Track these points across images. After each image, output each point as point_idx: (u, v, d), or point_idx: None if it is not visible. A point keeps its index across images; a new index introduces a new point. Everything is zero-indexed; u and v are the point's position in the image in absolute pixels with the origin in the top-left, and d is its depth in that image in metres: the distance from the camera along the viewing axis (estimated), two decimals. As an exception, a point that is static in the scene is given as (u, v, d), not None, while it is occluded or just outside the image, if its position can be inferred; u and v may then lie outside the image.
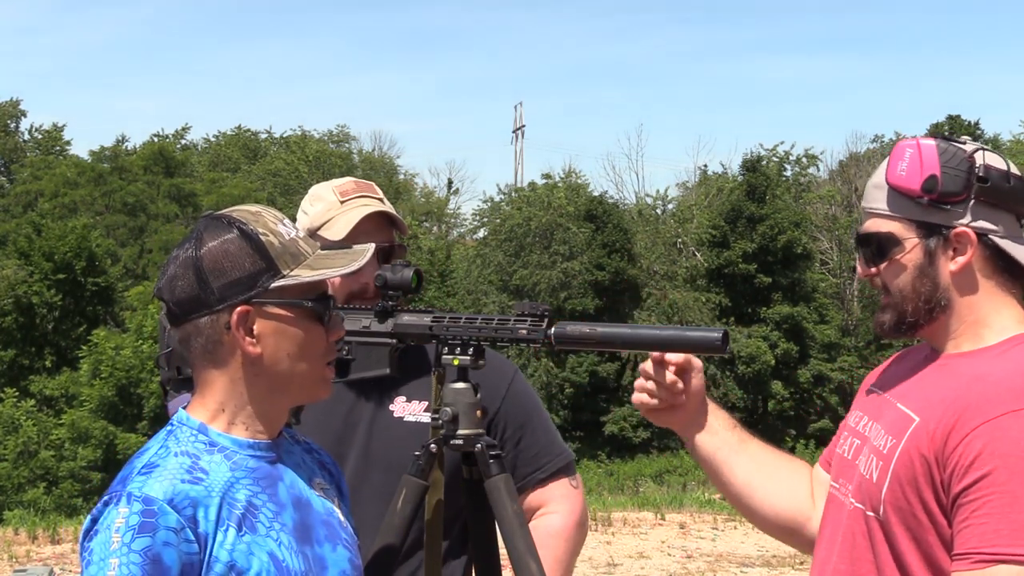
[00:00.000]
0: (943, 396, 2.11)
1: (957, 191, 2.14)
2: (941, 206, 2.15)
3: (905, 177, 2.16)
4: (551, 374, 33.51)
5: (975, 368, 2.13)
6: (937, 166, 2.15)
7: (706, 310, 35.10)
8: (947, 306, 2.18)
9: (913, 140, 2.21)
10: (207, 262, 1.91)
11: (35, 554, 12.68)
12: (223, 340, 1.92)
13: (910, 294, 2.19)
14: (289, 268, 1.93)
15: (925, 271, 2.18)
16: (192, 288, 1.91)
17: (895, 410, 2.20)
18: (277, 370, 1.95)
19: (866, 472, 2.19)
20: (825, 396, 35.96)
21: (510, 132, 57.12)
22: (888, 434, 2.17)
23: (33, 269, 34.88)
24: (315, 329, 1.96)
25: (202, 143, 57.82)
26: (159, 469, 1.88)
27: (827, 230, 40.26)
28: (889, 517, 2.12)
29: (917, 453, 2.09)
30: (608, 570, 11.76)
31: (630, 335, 2.30)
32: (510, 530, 2.28)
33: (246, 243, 1.92)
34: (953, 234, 2.16)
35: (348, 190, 2.75)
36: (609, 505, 16.18)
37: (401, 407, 2.68)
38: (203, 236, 1.93)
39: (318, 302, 1.96)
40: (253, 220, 1.95)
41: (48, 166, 47.25)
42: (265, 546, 1.89)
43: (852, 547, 2.20)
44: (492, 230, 38.45)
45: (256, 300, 1.92)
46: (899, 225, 2.19)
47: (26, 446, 29.08)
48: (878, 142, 45.54)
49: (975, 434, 2.02)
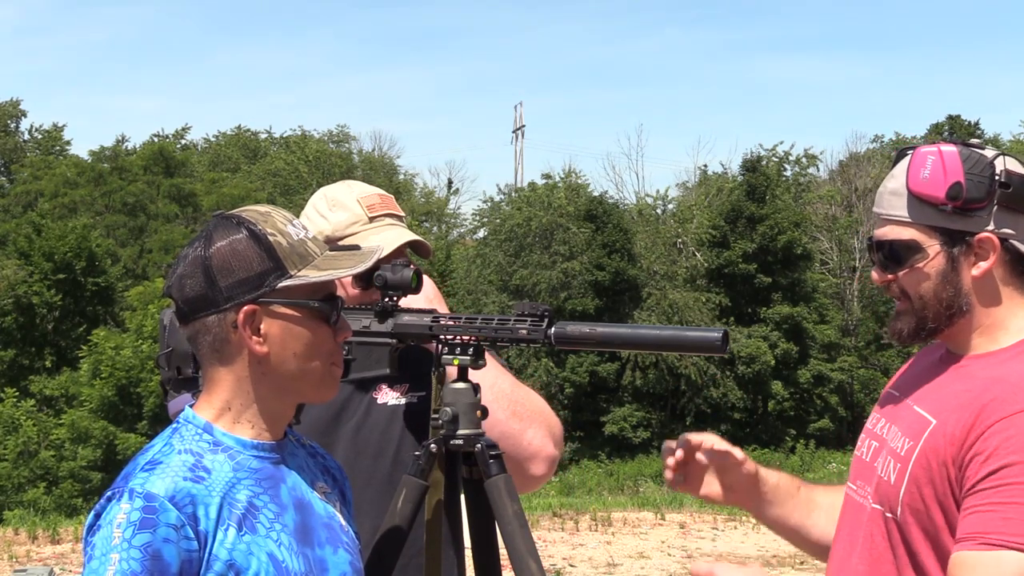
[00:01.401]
0: (960, 399, 2.12)
1: (981, 197, 2.13)
2: (965, 213, 2.14)
3: (928, 184, 2.14)
4: (551, 374, 33.50)
5: (991, 370, 2.13)
6: (961, 173, 2.13)
7: (706, 310, 35.09)
8: (967, 311, 2.18)
9: (934, 146, 2.18)
10: (216, 261, 1.93)
11: (35, 554, 12.68)
12: (230, 339, 1.94)
13: (932, 301, 2.18)
14: (297, 268, 1.95)
15: (948, 278, 2.17)
16: (200, 287, 1.93)
17: (912, 412, 2.20)
18: (283, 369, 1.96)
19: (884, 474, 2.20)
20: (825, 396, 35.94)
21: (510, 132, 57.24)
22: (905, 436, 2.18)
23: (33, 269, 34.88)
24: (322, 329, 1.98)
25: (202, 143, 57.81)
26: (162, 466, 1.89)
27: (827, 230, 40.24)
28: (906, 518, 2.13)
29: (934, 455, 2.09)
30: (608, 570, 11.76)
31: (630, 335, 2.30)
32: (510, 530, 2.29)
33: (254, 243, 1.94)
34: (976, 240, 2.15)
35: (375, 204, 2.71)
36: (609, 505, 16.19)
37: (384, 394, 2.70)
38: (213, 236, 1.96)
39: (325, 302, 1.98)
40: (262, 220, 1.97)
41: (48, 166, 47.21)
42: (265, 546, 1.90)
43: (872, 548, 2.20)
44: (492, 230, 38.45)
45: (263, 299, 1.93)
46: (921, 232, 2.17)
47: (26, 446, 29.09)
48: (878, 142, 45.59)
49: (992, 431, 2.02)
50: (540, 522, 14.09)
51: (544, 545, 12.56)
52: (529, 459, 2.63)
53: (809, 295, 36.75)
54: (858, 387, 36.85)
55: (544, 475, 2.67)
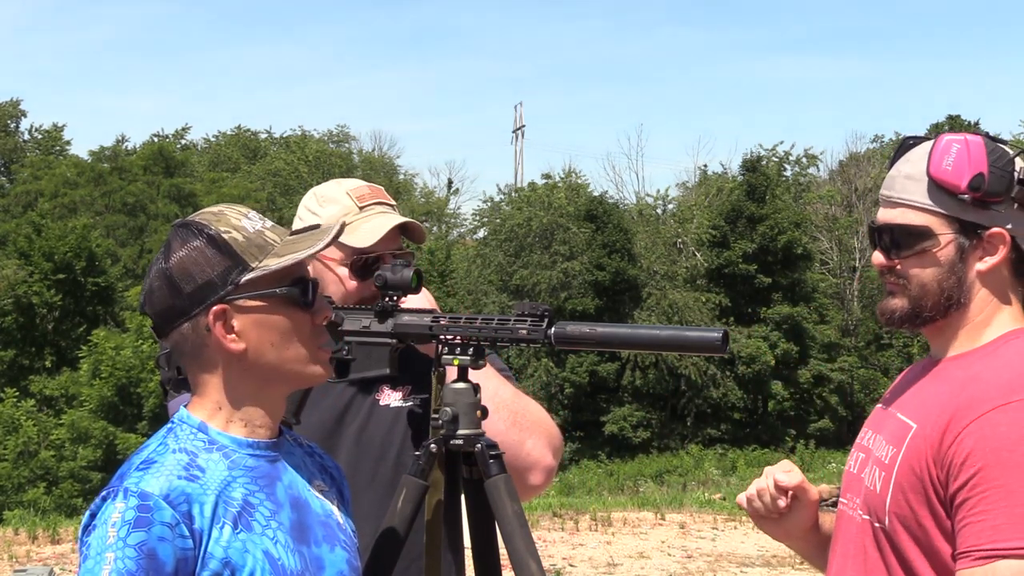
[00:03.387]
0: (938, 400, 2.11)
1: (1000, 192, 2.12)
2: (983, 205, 2.13)
3: (951, 172, 2.12)
4: (551, 374, 33.49)
5: (967, 370, 2.13)
6: (985, 164, 2.11)
7: (706, 310, 35.08)
8: (964, 304, 2.17)
9: (960, 136, 2.16)
10: (176, 270, 1.95)
11: (35, 554, 12.69)
12: (207, 342, 1.95)
13: (934, 289, 2.17)
14: (257, 260, 1.95)
15: (954, 268, 2.16)
16: (167, 298, 1.95)
17: (895, 420, 2.20)
18: (264, 361, 1.96)
19: (870, 484, 2.19)
20: (825, 396, 35.93)
21: (510, 132, 57.19)
22: (889, 444, 2.17)
23: (33, 269, 34.86)
24: (296, 314, 1.98)
25: (202, 143, 57.79)
26: (156, 465, 1.90)
27: (827, 230, 40.23)
28: (895, 527, 2.12)
29: (916, 460, 2.09)
30: (608, 570, 11.76)
31: (630, 335, 2.30)
32: (510, 530, 2.29)
33: (210, 245, 1.95)
34: (988, 235, 2.14)
35: (364, 195, 2.73)
36: (609, 505, 16.19)
37: (386, 395, 2.70)
38: (171, 245, 1.97)
39: (293, 287, 1.97)
40: (215, 220, 1.98)
41: (48, 166, 47.21)
42: (261, 544, 1.90)
43: (865, 560, 2.19)
44: (492, 230, 38.44)
45: (229, 297, 1.94)
46: (935, 219, 2.15)
47: (26, 446, 29.08)
48: (878, 142, 45.57)
49: (966, 432, 2.02)
50: (540, 522, 14.09)
51: (544, 545, 12.56)
52: (528, 469, 2.63)
53: (809, 295, 36.75)
54: (858, 387, 36.85)
55: (542, 485, 2.68)
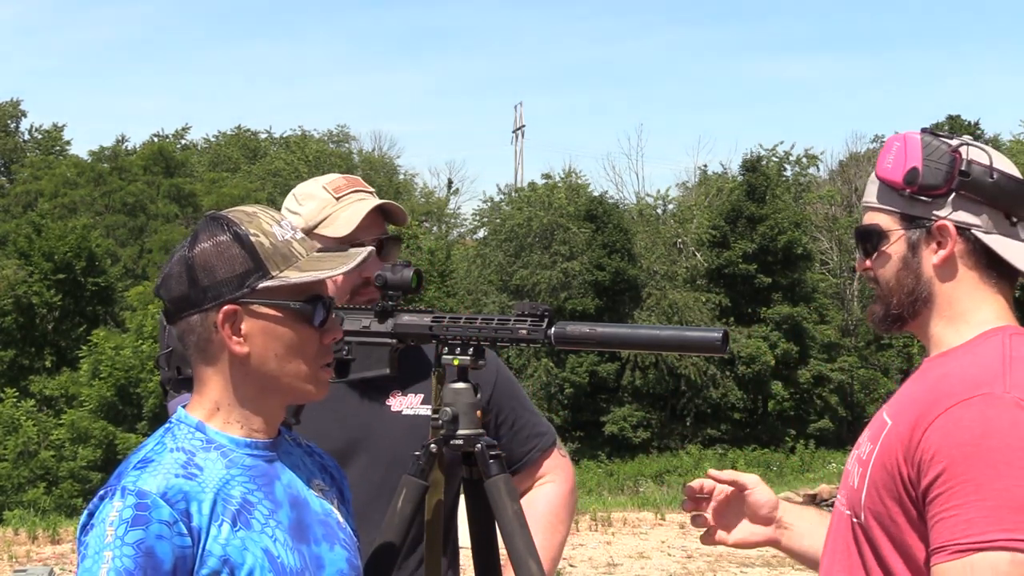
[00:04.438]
0: (912, 398, 2.14)
1: (937, 184, 2.16)
2: (922, 198, 2.17)
3: (891, 170, 2.20)
4: (551, 374, 33.50)
5: (943, 368, 2.15)
6: (920, 159, 2.17)
7: (706, 310, 35.09)
8: (928, 299, 2.20)
9: (901, 135, 2.24)
10: (198, 261, 1.95)
11: (35, 554, 12.69)
12: (213, 338, 1.95)
13: (895, 286, 2.22)
14: (279, 269, 1.95)
15: (908, 263, 2.20)
16: (184, 286, 1.95)
17: (879, 418, 2.24)
18: (265, 369, 1.96)
19: (851, 480, 2.23)
20: (825, 396, 35.93)
21: (510, 132, 57.15)
22: (869, 441, 2.21)
23: (33, 269, 34.87)
24: (305, 330, 1.98)
25: (202, 143, 57.80)
26: (154, 464, 1.90)
27: (827, 230, 40.25)
28: (869, 521, 2.14)
29: (889, 456, 2.11)
30: (608, 570, 11.77)
31: (630, 335, 2.30)
32: (510, 530, 2.29)
33: (237, 244, 1.95)
34: (935, 227, 2.18)
35: (340, 186, 2.78)
36: (609, 505, 16.19)
37: (398, 402, 2.70)
38: (199, 236, 1.98)
39: (308, 303, 1.97)
40: (247, 221, 1.98)
41: (48, 166, 47.22)
42: (260, 542, 1.91)
43: (847, 555, 2.22)
44: (492, 230, 38.44)
45: (243, 300, 1.94)
46: (886, 217, 2.23)
47: (26, 446, 29.08)
48: (878, 142, 45.52)
49: (931, 428, 2.04)
50: (540, 522, 14.06)
51: (544, 545, 12.53)
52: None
53: (809, 295, 36.75)
54: (858, 387, 36.85)
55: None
